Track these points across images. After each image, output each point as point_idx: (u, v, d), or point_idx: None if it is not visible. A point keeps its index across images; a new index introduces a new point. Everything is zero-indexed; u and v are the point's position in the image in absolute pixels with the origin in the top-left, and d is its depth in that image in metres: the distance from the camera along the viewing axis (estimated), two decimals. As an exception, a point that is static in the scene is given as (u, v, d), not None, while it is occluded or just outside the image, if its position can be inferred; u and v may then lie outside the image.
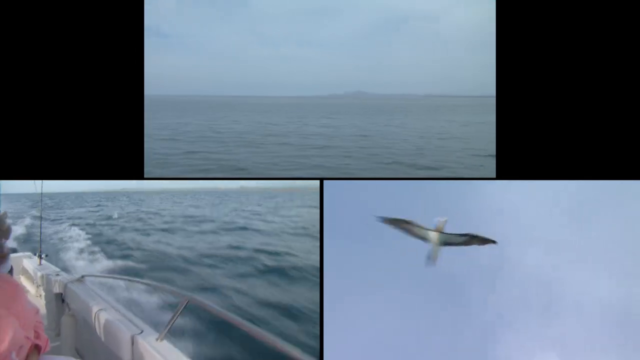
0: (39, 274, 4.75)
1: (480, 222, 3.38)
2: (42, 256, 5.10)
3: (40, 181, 4.47)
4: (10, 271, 3.07)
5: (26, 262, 5.36)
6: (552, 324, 3.29)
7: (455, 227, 3.47)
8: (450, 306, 3.32)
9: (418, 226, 3.28)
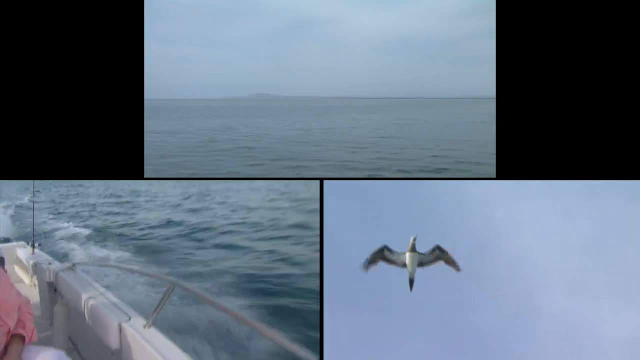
0: (31, 262, 4.72)
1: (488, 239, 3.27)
2: (35, 245, 5.06)
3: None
4: (2, 261, 3.06)
5: (20, 252, 5.31)
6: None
7: (455, 229, 3.47)
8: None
9: (391, 251, 3.18)
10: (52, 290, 3.97)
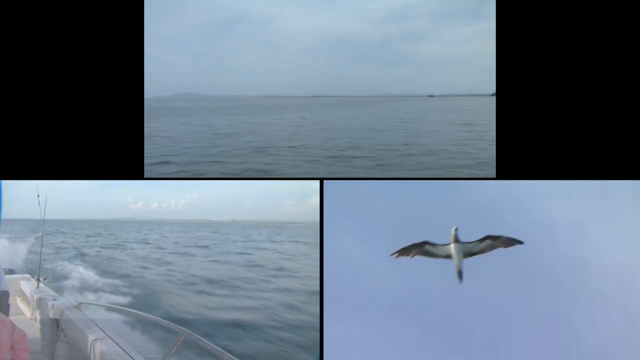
0: (35, 297, 4.70)
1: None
2: (40, 279, 5.03)
3: (44, 203, 4.41)
4: (7, 296, 3.02)
5: (24, 284, 5.29)
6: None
7: (458, 227, 3.44)
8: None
9: (432, 245, 3.14)
10: (54, 326, 3.92)
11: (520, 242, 3.03)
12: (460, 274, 3.08)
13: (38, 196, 4.28)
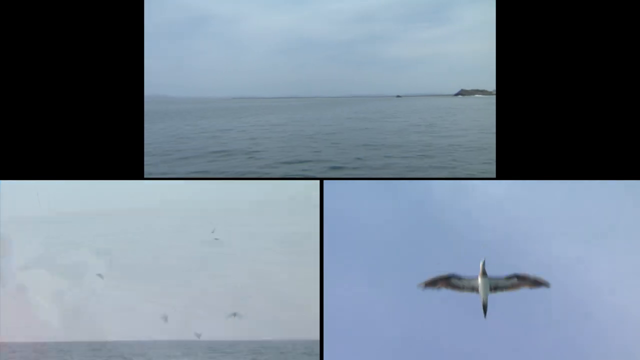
0: None
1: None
2: None
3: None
4: None
5: None
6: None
7: (458, 228, 3.45)
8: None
9: (459, 278, 3.14)
10: None
11: (547, 285, 3.04)
12: (485, 308, 3.08)
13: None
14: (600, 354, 3.04)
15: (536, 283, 3.05)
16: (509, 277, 3.07)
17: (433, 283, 3.16)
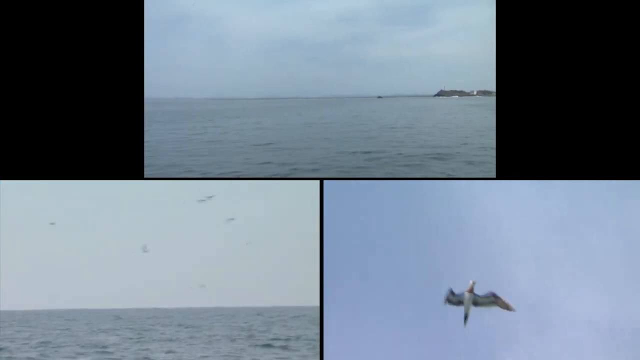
0: None
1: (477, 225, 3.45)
2: None
3: None
4: None
5: None
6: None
7: (456, 230, 3.49)
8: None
9: (453, 294, 3.55)
10: None
11: (513, 310, 3.48)
12: (466, 318, 3.54)
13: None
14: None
15: (506, 306, 3.48)
16: (488, 296, 3.51)
17: (446, 299, 3.57)
